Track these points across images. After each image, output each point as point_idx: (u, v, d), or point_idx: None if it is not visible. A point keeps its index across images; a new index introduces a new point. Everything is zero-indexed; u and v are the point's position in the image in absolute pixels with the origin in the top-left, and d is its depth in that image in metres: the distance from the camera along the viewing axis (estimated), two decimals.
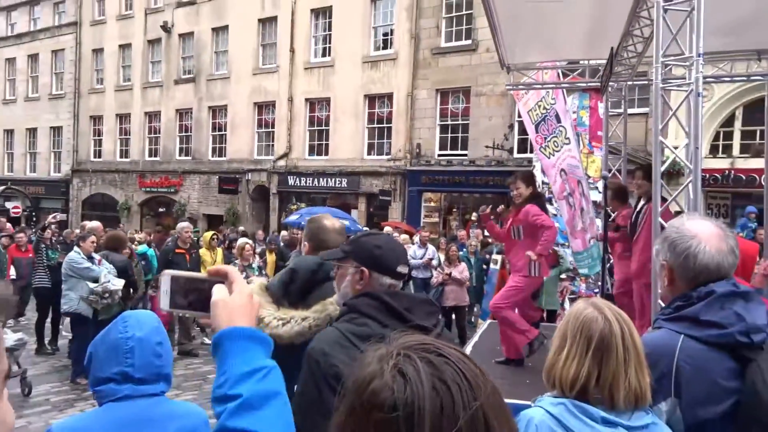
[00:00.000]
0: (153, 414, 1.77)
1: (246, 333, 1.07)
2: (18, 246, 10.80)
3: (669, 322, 1.81)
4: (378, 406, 0.77)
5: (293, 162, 21.81)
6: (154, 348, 1.82)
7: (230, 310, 1.10)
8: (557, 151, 7.44)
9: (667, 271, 1.85)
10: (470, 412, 0.76)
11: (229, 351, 1.06)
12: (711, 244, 1.79)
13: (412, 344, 0.83)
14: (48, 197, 28.96)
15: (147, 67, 26.45)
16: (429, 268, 11.46)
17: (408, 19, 19.37)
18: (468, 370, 0.80)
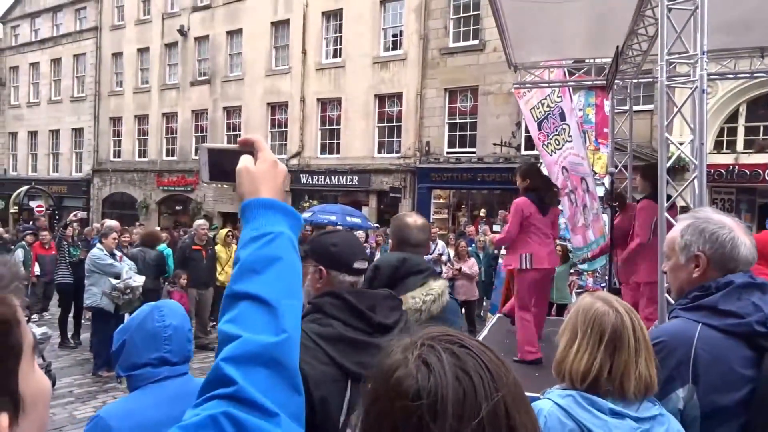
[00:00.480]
0: (189, 389, 1.88)
1: (262, 202, 1.05)
2: (42, 244, 10.92)
3: (686, 312, 1.81)
4: (402, 394, 0.78)
5: (306, 161, 21.85)
6: (186, 334, 2.01)
7: (253, 177, 1.09)
8: (559, 148, 7.39)
9: (704, 262, 1.82)
10: (492, 403, 0.77)
11: (248, 219, 1.05)
12: (745, 237, 1.80)
13: (436, 335, 0.84)
14: (70, 196, 29.23)
15: (164, 69, 26.59)
16: (439, 264, 11.45)
17: (417, 20, 19.33)
18: (490, 361, 0.81)
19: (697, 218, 1.89)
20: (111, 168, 28.37)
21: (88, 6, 29.60)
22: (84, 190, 29.20)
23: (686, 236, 1.86)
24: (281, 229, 1.03)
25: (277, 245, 1.01)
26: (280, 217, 1.05)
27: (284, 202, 1.09)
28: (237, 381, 0.87)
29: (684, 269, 1.87)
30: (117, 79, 28.56)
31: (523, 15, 5.77)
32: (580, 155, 7.33)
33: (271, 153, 1.13)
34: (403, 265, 2.52)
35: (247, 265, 0.99)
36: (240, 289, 0.97)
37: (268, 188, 1.08)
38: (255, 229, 1.02)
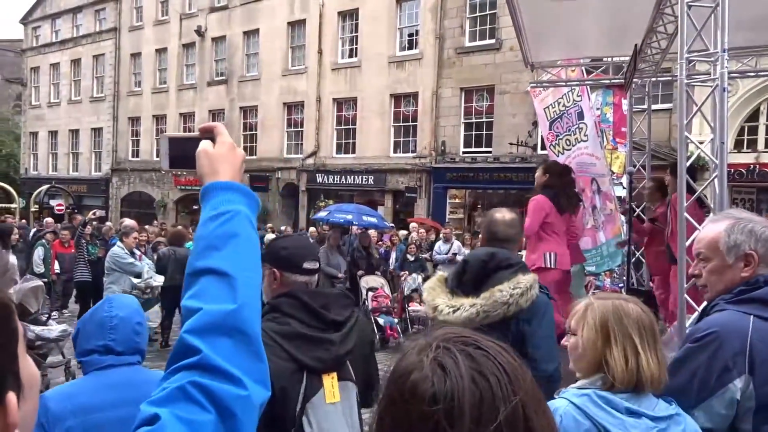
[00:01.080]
0: (132, 379, 2.01)
1: (221, 184, 1.09)
2: (62, 242, 11.06)
3: (735, 305, 1.80)
4: (418, 398, 0.77)
5: (321, 160, 21.91)
6: (133, 327, 2.09)
7: (212, 159, 1.13)
8: (568, 149, 7.32)
9: (755, 261, 1.84)
10: (510, 406, 0.75)
11: (207, 201, 1.08)
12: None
13: (451, 337, 0.82)
14: (89, 195, 29.59)
15: (182, 69, 26.82)
16: (454, 264, 11.42)
17: (432, 19, 19.30)
18: (507, 362, 0.80)
19: (739, 218, 1.90)
20: (129, 167, 28.68)
21: (107, 7, 29.95)
22: (103, 189, 29.55)
23: (734, 236, 1.86)
24: (239, 207, 1.06)
25: (235, 223, 1.04)
26: (238, 196, 1.08)
27: (241, 183, 1.12)
28: (201, 350, 0.90)
29: (730, 269, 1.87)
30: (135, 79, 28.87)
31: (541, 13, 5.73)
32: (594, 155, 7.24)
33: (228, 137, 1.17)
34: (492, 260, 2.59)
35: (207, 243, 1.02)
36: (200, 265, 1.00)
37: (226, 170, 1.12)
38: (213, 208, 1.06)
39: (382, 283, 10.19)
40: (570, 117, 7.34)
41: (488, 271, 2.58)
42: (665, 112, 13.65)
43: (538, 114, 7.92)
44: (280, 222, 20.91)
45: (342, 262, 10.18)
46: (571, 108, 7.31)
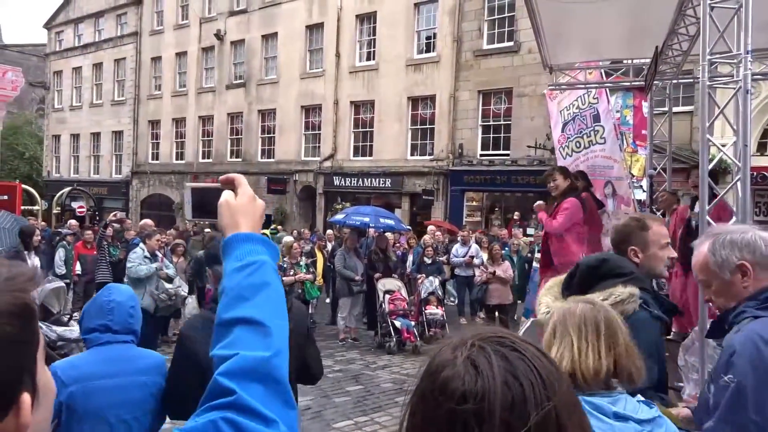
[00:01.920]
0: (126, 354, 2.47)
1: (244, 236, 1.12)
2: (84, 243, 11.21)
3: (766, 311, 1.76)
4: (448, 395, 0.75)
5: (339, 163, 21.98)
6: (128, 310, 2.51)
7: (233, 211, 1.15)
8: (577, 151, 7.26)
9: (751, 270, 1.82)
10: (542, 412, 0.73)
11: (231, 252, 1.10)
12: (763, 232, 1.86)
13: (487, 336, 0.80)
14: (110, 197, 29.99)
15: (201, 73, 27.09)
16: (471, 267, 11.38)
17: (450, 22, 19.28)
18: (542, 367, 0.77)
19: (717, 234, 1.91)
20: (149, 170, 29.01)
21: (128, 11, 30.37)
22: (123, 191, 29.93)
23: (719, 253, 1.86)
24: (264, 258, 1.09)
25: (263, 272, 1.07)
26: (260, 247, 1.11)
27: (260, 234, 1.16)
28: (236, 391, 0.92)
29: (733, 285, 1.85)
30: (156, 82, 29.21)
31: (560, 15, 5.70)
32: (612, 157, 7.17)
33: (249, 188, 1.20)
34: (602, 266, 2.50)
35: (236, 293, 1.05)
36: (232, 316, 1.03)
37: (247, 222, 1.15)
38: (239, 259, 1.08)
39: (399, 285, 10.18)
40: (584, 119, 7.28)
41: (596, 277, 2.47)
42: (686, 114, 13.49)
43: (552, 116, 7.86)
44: (298, 224, 21.00)
45: (359, 265, 10.20)
46: (586, 110, 7.25)
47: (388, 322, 9.54)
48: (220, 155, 26.20)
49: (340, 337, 10.14)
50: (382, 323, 9.72)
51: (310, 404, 6.74)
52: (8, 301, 0.68)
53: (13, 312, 0.68)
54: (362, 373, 8.25)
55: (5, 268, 0.73)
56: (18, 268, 0.75)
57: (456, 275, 11.89)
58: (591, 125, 7.20)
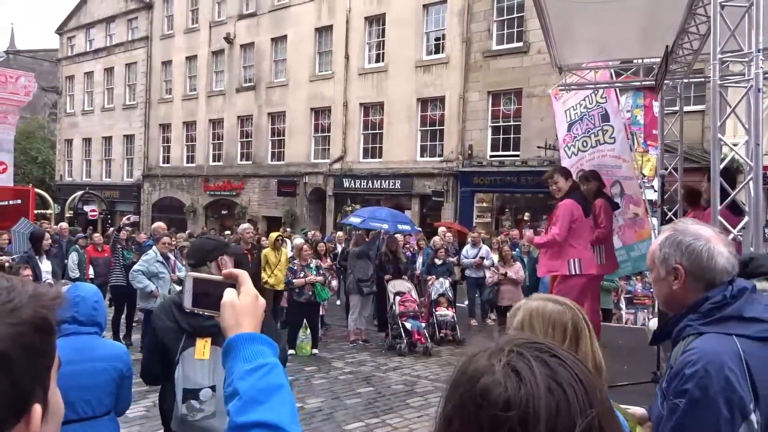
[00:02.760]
0: (90, 344, 2.85)
1: (250, 336, 1.14)
2: (95, 246, 11.30)
3: (712, 326, 1.72)
4: (491, 403, 0.73)
5: (348, 165, 22.02)
6: (92, 304, 2.89)
7: (237, 312, 1.17)
8: (583, 150, 7.19)
9: (682, 275, 1.80)
10: (587, 420, 0.71)
11: (236, 353, 1.12)
12: (724, 247, 1.80)
13: (524, 342, 0.79)
14: (122, 201, 30.22)
15: (211, 76, 27.24)
16: (482, 268, 11.35)
17: (460, 23, 19.27)
18: (583, 373, 0.76)
19: (675, 230, 1.88)
20: (160, 173, 29.20)
21: (139, 16, 30.61)
22: (135, 195, 30.14)
23: (664, 249, 1.86)
24: (272, 360, 1.12)
25: (275, 375, 1.09)
26: (267, 348, 1.13)
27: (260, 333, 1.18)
28: None
29: (664, 282, 1.86)
30: (166, 86, 29.41)
31: (569, 15, 5.69)
32: (621, 157, 7.11)
33: (252, 287, 1.22)
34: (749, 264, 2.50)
35: (250, 397, 1.06)
36: (247, 420, 1.04)
37: (249, 322, 1.17)
38: (248, 361, 1.10)
39: (409, 287, 10.18)
40: (591, 119, 7.22)
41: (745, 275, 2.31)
42: (698, 113, 13.39)
43: (558, 116, 7.78)
44: (308, 226, 21.05)
45: (368, 266, 10.21)
46: (594, 110, 7.19)
47: (398, 323, 9.54)
48: (230, 158, 26.33)
49: (350, 338, 10.15)
50: (393, 325, 9.71)
51: (322, 406, 6.75)
52: (32, 314, 0.71)
53: (35, 324, 0.71)
54: (373, 374, 8.26)
55: (32, 286, 0.76)
56: (45, 288, 0.78)
57: (466, 277, 11.87)
58: (599, 125, 7.15)
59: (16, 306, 0.70)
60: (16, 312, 0.69)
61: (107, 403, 2.88)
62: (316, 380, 7.89)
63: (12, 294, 0.71)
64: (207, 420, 2.76)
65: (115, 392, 2.92)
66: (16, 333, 0.68)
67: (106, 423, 2.88)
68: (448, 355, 9.24)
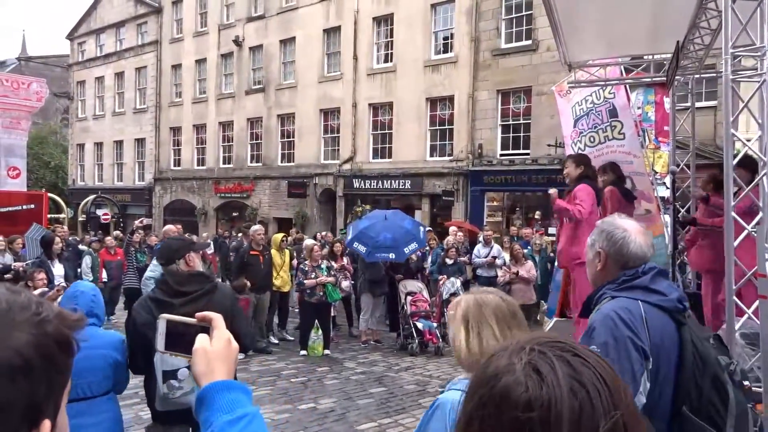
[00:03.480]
0: (90, 333, 3.08)
1: (225, 385, 1.11)
2: (107, 250, 11.40)
3: (623, 292, 2.13)
4: (511, 403, 0.72)
5: (358, 165, 22.04)
6: (90, 298, 3.34)
7: (209, 359, 1.14)
8: (591, 146, 7.10)
9: (603, 258, 2.25)
10: (611, 421, 0.70)
11: (213, 403, 1.08)
12: (639, 238, 2.23)
13: (545, 341, 0.77)
14: (134, 204, 30.44)
15: (220, 79, 27.37)
16: (494, 267, 11.32)
17: (468, 22, 19.24)
18: (607, 374, 0.74)
19: (603, 222, 2.34)
20: (171, 176, 29.38)
21: (149, 20, 30.81)
22: (146, 198, 30.34)
23: (593, 237, 2.33)
24: (252, 409, 1.09)
25: (256, 425, 1.07)
26: (243, 396, 1.11)
27: (234, 378, 1.16)
28: None
29: (592, 263, 2.31)
30: (176, 90, 29.58)
31: (578, 12, 5.67)
32: (631, 153, 7.04)
33: (226, 331, 1.19)
34: None
35: None
36: None
37: (221, 369, 1.14)
38: (227, 412, 1.07)
39: (421, 287, 10.18)
40: (599, 114, 7.14)
41: None
42: (710, 109, 13.28)
43: (562, 112, 7.68)
44: (318, 227, 21.09)
45: (380, 267, 10.21)
46: (601, 105, 7.12)
47: (410, 323, 9.54)
48: (240, 160, 26.44)
49: (362, 339, 10.16)
50: (405, 325, 9.72)
51: (334, 406, 6.77)
52: (56, 330, 0.73)
53: (58, 341, 0.73)
54: (385, 374, 8.27)
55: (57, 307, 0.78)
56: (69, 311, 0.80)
57: (478, 276, 11.84)
58: (607, 120, 7.07)
59: (44, 319, 0.72)
60: (42, 324, 0.71)
61: (106, 384, 3.31)
62: (329, 380, 7.91)
63: (41, 308, 0.73)
64: (186, 396, 3.15)
65: (112, 375, 3.33)
66: (40, 344, 0.69)
67: (105, 401, 3.33)
68: None
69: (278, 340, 10.23)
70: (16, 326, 0.68)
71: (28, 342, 0.68)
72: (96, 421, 3.23)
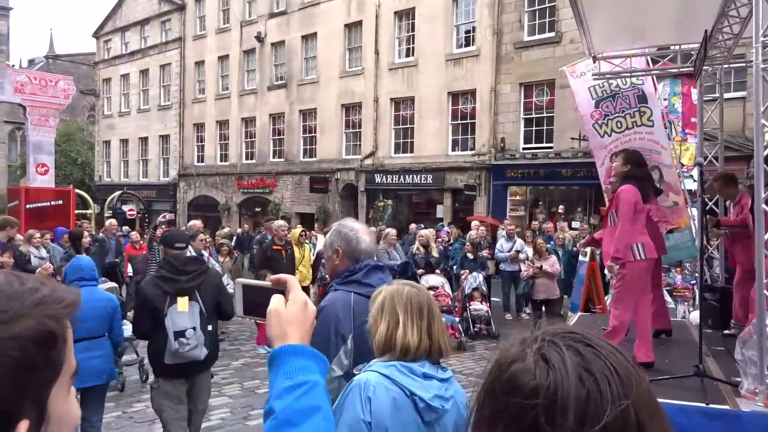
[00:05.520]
0: (91, 291, 4.60)
1: (294, 349, 1.07)
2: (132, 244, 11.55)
3: (343, 285, 2.60)
4: (518, 390, 0.73)
5: (380, 160, 22.02)
6: (91, 266, 4.75)
7: (283, 320, 1.11)
8: (618, 131, 6.89)
9: (340, 254, 2.68)
10: (619, 409, 0.69)
11: (278, 367, 1.06)
12: (365, 237, 2.73)
13: (558, 331, 0.78)
14: (158, 200, 30.83)
15: (243, 75, 27.55)
16: (517, 262, 11.24)
17: (490, 15, 19.07)
18: (619, 364, 0.73)
19: (339, 224, 2.81)
20: (195, 172, 29.70)
21: (172, 18, 31.12)
22: (171, 193, 30.72)
23: (331, 237, 2.78)
24: (315, 377, 1.04)
25: (314, 395, 1.02)
26: (312, 363, 1.06)
27: (309, 345, 1.10)
28: None
29: (331, 259, 2.75)
30: (199, 86, 29.86)
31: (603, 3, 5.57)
32: (660, 143, 6.88)
33: (302, 293, 1.15)
34: None
35: (284, 417, 1.00)
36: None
37: (297, 332, 1.10)
38: (288, 377, 1.03)
39: (443, 281, 10.13)
40: (626, 99, 6.94)
41: None
42: (739, 100, 13.00)
43: (576, 92, 7.40)
44: None
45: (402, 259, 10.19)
46: (629, 90, 6.91)
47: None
48: (263, 155, 26.61)
49: None
50: None
51: None
52: (29, 326, 0.68)
53: (28, 338, 0.68)
54: None
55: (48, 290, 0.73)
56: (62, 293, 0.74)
57: (501, 270, 11.76)
58: (635, 105, 6.85)
59: (10, 318, 0.67)
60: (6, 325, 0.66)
61: (103, 328, 4.68)
62: None
63: (11, 303, 0.68)
64: (192, 350, 4.14)
65: (110, 321, 4.70)
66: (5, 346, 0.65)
67: (103, 341, 4.67)
68: (482, 350, 9.18)
69: None
70: None
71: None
72: (97, 355, 4.52)
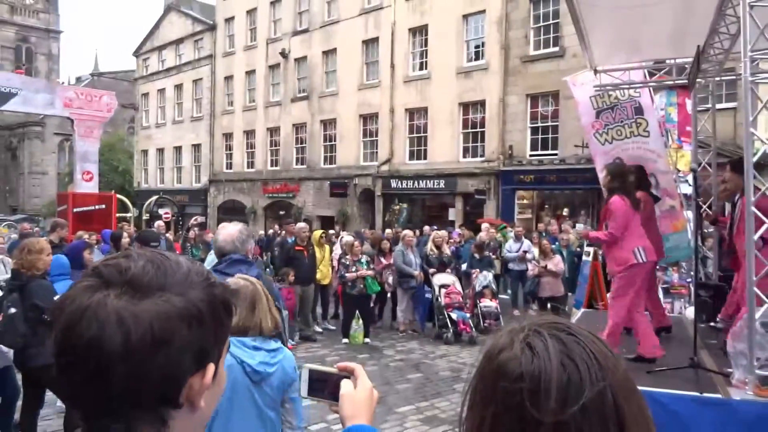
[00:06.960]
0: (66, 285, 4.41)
1: (365, 429, 1.13)
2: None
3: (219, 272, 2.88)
4: (506, 375, 0.75)
5: (395, 167, 22.10)
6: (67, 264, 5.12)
7: (355, 404, 1.17)
8: (618, 139, 6.88)
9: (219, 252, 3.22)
10: (597, 389, 0.71)
11: None
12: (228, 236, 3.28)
13: (544, 322, 0.80)
14: (191, 204, 31.19)
15: (268, 89, 27.79)
16: (524, 261, 11.24)
17: (498, 31, 19.08)
18: (598, 351, 0.75)
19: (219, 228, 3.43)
20: (224, 179, 30.00)
21: (204, 37, 31.50)
22: (202, 198, 31.06)
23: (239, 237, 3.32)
24: None
25: None
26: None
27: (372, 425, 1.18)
28: None
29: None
30: (228, 99, 30.17)
31: (603, 21, 5.60)
32: (656, 152, 6.86)
33: (367, 380, 1.21)
34: None
35: None
36: None
37: (366, 415, 1.16)
38: None
39: (454, 280, 10.17)
40: (624, 110, 6.94)
41: None
42: (729, 110, 12.89)
43: (580, 102, 7.38)
44: (359, 225, 21.26)
45: (417, 260, 10.25)
46: (626, 102, 6.92)
47: (444, 314, 9.56)
48: (286, 163, 26.82)
49: (400, 328, 10.23)
50: (439, 315, 9.74)
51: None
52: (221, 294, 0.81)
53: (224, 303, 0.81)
54: (422, 362, 8.31)
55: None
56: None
57: (509, 270, 11.76)
58: (632, 116, 6.86)
59: (212, 284, 0.80)
60: (211, 288, 0.79)
61: None
62: (369, 367, 7.98)
63: (211, 276, 0.81)
64: None
65: None
66: (210, 302, 0.77)
67: None
68: None
69: (321, 329, 10.34)
70: (193, 286, 0.76)
71: (201, 298, 0.76)
72: None
